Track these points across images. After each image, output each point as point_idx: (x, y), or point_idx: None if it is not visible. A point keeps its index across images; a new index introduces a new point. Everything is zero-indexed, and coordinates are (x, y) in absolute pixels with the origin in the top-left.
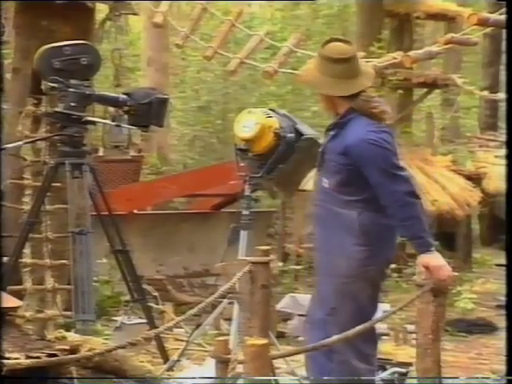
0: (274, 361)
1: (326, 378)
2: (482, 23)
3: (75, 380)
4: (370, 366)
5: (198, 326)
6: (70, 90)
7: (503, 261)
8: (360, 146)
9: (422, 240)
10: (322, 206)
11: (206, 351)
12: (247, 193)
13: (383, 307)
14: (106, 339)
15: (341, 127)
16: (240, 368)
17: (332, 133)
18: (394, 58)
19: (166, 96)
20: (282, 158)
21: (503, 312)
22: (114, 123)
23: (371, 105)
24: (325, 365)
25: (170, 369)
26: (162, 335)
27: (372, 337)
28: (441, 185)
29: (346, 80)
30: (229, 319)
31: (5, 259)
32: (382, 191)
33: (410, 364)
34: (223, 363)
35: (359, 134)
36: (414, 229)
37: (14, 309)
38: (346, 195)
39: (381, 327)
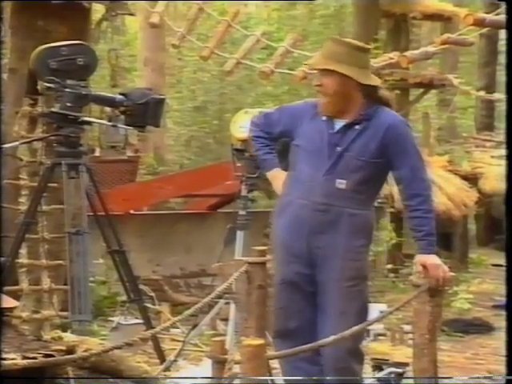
0: (271, 361)
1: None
2: (478, 24)
3: (72, 380)
4: (361, 365)
5: (195, 326)
6: (67, 90)
7: (500, 261)
8: (401, 126)
9: (432, 238)
10: (330, 211)
11: (202, 351)
12: (244, 193)
13: (380, 307)
14: (103, 339)
15: (368, 119)
16: (237, 368)
17: (358, 127)
18: (391, 59)
19: (162, 96)
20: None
21: (499, 312)
22: (110, 123)
23: (390, 96)
24: (308, 370)
25: (167, 369)
26: (158, 335)
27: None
28: (437, 185)
29: (369, 71)
30: (225, 319)
31: (1, 259)
32: (415, 176)
33: (406, 364)
34: (220, 363)
35: (396, 117)
36: (431, 224)
37: (11, 309)
38: (363, 194)
39: (377, 327)
